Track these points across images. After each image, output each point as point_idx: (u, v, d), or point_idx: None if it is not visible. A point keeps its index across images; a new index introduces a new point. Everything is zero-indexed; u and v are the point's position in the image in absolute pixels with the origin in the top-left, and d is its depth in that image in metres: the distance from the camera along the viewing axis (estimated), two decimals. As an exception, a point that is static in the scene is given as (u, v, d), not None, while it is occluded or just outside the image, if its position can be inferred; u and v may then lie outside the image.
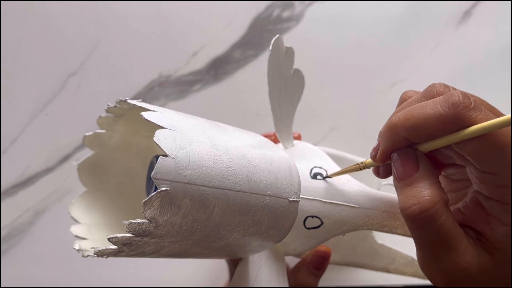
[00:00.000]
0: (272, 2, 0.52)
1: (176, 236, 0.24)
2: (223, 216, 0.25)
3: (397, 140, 0.24)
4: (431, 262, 0.24)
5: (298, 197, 0.29)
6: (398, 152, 0.25)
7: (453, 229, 0.23)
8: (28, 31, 0.52)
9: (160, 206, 0.22)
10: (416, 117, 0.23)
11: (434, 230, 0.23)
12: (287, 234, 0.29)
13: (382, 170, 0.28)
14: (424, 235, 0.23)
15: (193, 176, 0.23)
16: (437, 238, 0.23)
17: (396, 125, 0.24)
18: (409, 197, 0.23)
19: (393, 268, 0.41)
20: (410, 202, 0.23)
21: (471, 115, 0.22)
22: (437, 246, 0.23)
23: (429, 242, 0.23)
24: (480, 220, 0.24)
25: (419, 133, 0.23)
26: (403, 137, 0.24)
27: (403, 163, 0.24)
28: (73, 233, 0.28)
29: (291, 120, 0.34)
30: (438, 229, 0.22)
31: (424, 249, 0.24)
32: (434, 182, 0.24)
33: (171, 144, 0.22)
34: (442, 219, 0.22)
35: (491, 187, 0.23)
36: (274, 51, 0.31)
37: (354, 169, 0.29)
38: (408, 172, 0.24)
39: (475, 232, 0.24)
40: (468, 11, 0.52)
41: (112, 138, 0.31)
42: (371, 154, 0.26)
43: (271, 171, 0.27)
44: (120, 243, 0.22)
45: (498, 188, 0.23)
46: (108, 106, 0.27)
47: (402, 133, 0.24)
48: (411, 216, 0.23)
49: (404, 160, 0.24)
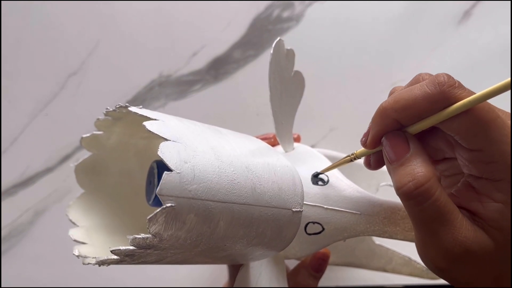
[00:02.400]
0: (272, 2, 0.52)
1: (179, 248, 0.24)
2: (228, 229, 0.25)
3: (388, 123, 0.25)
4: (429, 239, 0.24)
5: (301, 207, 0.29)
6: (387, 135, 0.25)
7: (448, 203, 0.23)
8: (28, 31, 0.52)
9: (165, 222, 0.22)
10: (405, 99, 0.24)
11: (430, 205, 0.23)
12: (290, 243, 0.29)
13: (373, 160, 0.28)
14: (421, 211, 0.23)
15: (198, 191, 0.23)
16: (434, 213, 0.23)
17: (386, 108, 0.24)
18: (404, 176, 0.24)
19: (390, 268, 0.41)
20: (405, 179, 0.23)
21: (456, 92, 0.23)
22: (434, 221, 0.23)
23: (426, 218, 0.23)
24: (472, 200, 0.24)
25: (408, 114, 0.24)
26: (393, 120, 0.24)
27: (394, 145, 0.25)
28: (72, 237, 0.28)
29: (292, 123, 0.34)
30: (434, 203, 0.23)
31: (422, 226, 0.24)
32: (426, 159, 0.24)
33: (175, 158, 0.22)
34: (437, 193, 0.23)
35: (479, 166, 0.23)
36: (275, 55, 0.30)
37: (345, 161, 0.29)
38: (400, 153, 0.24)
39: (469, 213, 0.24)
40: (468, 11, 0.52)
41: (110, 139, 0.31)
42: (362, 140, 0.27)
43: (275, 181, 0.27)
44: (123, 255, 0.22)
45: (486, 165, 0.23)
46: (107, 110, 0.27)
47: (392, 115, 0.24)
48: (407, 193, 0.23)
49: (394, 142, 0.25)
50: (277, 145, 0.36)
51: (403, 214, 0.31)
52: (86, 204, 0.31)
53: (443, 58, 0.51)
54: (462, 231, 0.23)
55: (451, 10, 0.52)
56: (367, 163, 0.28)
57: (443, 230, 0.23)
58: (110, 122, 0.29)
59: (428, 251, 0.24)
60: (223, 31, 0.52)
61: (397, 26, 0.52)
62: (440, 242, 0.23)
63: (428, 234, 0.24)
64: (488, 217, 0.23)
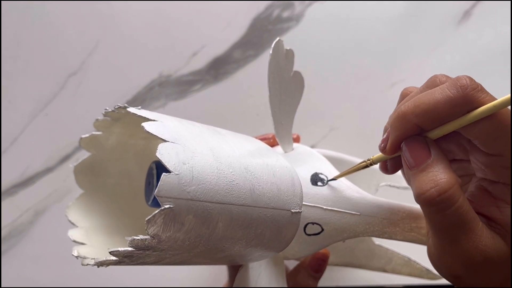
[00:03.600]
0: (272, 2, 0.52)
1: (178, 249, 0.24)
2: (226, 230, 0.25)
3: (408, 128, 0.24)
4: (449, 247, 0.23)
5: (300, 208, 0.29)
6: (407, 140, 0.24)
7: (470, 211, 0.23)
8: (28, 31, 0.52)
9: (164, 224, 0.22)
10: (425, 103, 0.23)
11: (453, 212, 0.22)
12: (289, 244, 0.29)
13: (391, 165, 0.27)
14: (442, 218, 0.23)
15: (197, 192, 0.23)
16: (456, 220, 0.23)
17: (406, 113, 0.24)
18: (426, 182, 0.23)
19: (390, 268, 0.41)
20: (427, 186, 0.23)
21: (479, 96, 0.22)
22: (455, 229, 0.23)
23: (448, 225, 0.23)
24: (489, 205, 0.24)
25: (430, 118, 0.23)
26: (413, 125, 0.24)
27: (414, 150, 0.24)
28: (71, 238, 0.28)
29: (291, 123, 0.34)
30: (456, 211, 0.22)
31: (443, 233, 0.24)
32: (448, 165, 0.23)
33: (174, 159, 0.22)
34: (460, 201, 0.22)
35: (497, 170, 0.23)
36: (274, 55, 0.30)
37: (360, 167, 0.29)
38: (421, 158, 0.24)
39: (485, 218, 0.24)
40: (468, 11, 0.51)
41: (109, 140, 0.31)
42: (380, 146, 0.26)
43: (274, 182, 0.27)
44: (121, 256, 0.22)
45: (504, 170, 0.23)
46: (105, 111, 0.27)
47: (413, 120, 0.23)
48: (429, 200, 0.23)
49: (415, 147, 0.24)
50: (277, 145, 0.36)
51: (403, 215, 0.31)
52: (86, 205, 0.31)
53: (443, 58, 0.51)
54: (483, 239, 0.23)
55: (451, 10, 0.52)
56: (383, 168, 0.28)
57: (465, 238, 0.23)
58: (109, 123, 0.29)
59: (446, 258, 0.24)
60: (223, 31, 0.52)
61: (397, 26, 0.52)
62: (461, 249, 0.23)
63: (448, 241, 0.23)
64: (505, 222, 0.23)
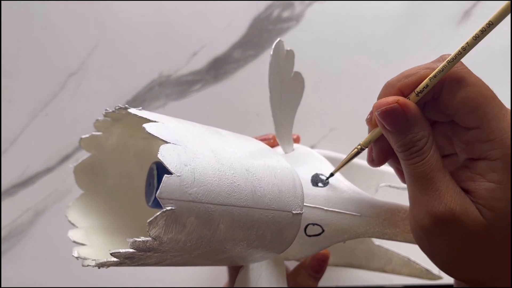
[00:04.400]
0: (272, 2, 0.52)
1: (179, 251, 0.24)
2: (228, 232, 0.25)
3: (392, 92, 0.25)
4: (417, 195, 0.25)
5: (301, 210, 0.29)
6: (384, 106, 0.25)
7: (440, 165, 0.24)
8: (28, 31, 0.52)
9: (165, 225, 0.22)
10: (409, 70, 0.25)
11: (424, 163, 0.24)
12: (290, 245, 0.29)
13: (376, 155, 0.28)
14: (414, 168, 0.24)
15: (198, 194, 0.23)
16: (426, 170, 0.24)
17: (391, 82, 0.26)
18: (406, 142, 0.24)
19: (389, 269, 0.41)
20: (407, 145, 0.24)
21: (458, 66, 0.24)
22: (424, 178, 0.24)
23: (418, 175, 0.24)
24: (466, 179, 0.25)
25: (410, 81, 0.25)
26: (396, 90, 0.25)
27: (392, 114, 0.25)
28: (71, 238, 0.28)
29: (291, 124, 0.34)
30: (427, 162, 0.24)
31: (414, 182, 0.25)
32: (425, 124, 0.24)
33: (175, 161, 0.22)
34: (430, 153, 0.24)
35: (476, 146, 0.24)
36: (275, 56, 0.30)
37: (353, 154, 0.29)
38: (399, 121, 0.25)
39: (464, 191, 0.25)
40: (468, 11, 0.51)
41: (109, 140, 0.31)
42: (367, 118, 0.27)
43: (275, 184, 0.27)
44: (123, 257, 0.22)
45: (483, 144, 0.23)
46: (106, 111, 0.27)
47: (396, 85, 0.25)
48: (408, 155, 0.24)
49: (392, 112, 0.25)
50: (277, 146, 0.36)
51: (403, 216, 0.31)
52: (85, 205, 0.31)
53: (443, 58, 0.51)
54: (448, 191, 0.24)
55: (451, 10, 0.52)
56: (369, 159, 0.29)
57: (431, 187, 0.24)
58: (109, 123, 0.29)
59: (415, 208, 0.25)
60: (223, 31, 0.52)
61: (397, 26, 0.52)
62: (426, 198, 0.24)
63: (418, 190, 0.25)
64: (480, 195, 0.23)
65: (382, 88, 0.26)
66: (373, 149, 0.28)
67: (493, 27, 0.22)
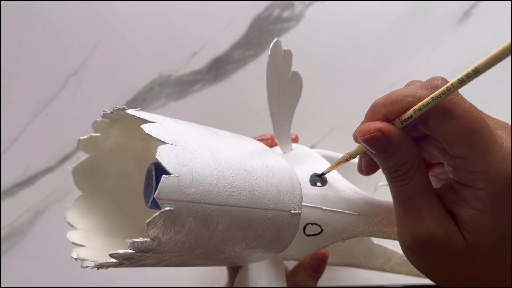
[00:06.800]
0: (272, 2, 0.52)
1: (178, 251, 0.24)
2: (226, 232, 0.25)
3: (377, 117, 0.25)
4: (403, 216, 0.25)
5: (300, 209, 0.29)
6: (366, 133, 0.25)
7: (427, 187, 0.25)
8: (28, 31, 0.52)
9: (164, 226, 0.22)
10: (395, 95, 0.24)
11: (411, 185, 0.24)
12: (289, 245, 0.29)
13: (364, 165, 0.28)
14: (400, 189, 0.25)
15: (197, 194, 0.23)
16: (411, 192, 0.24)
17: (377, 104, 0.25)
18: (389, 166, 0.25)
19: (388, 268, 0.41)
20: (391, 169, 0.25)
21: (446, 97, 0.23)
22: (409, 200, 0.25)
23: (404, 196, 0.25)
24: (452, 202, 0.25)
25: (395, 108, 0.24)
26: (382, 115, 0.25)
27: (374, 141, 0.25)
28: (70, 240, 0.28)
29: (290, 124, 0.34)
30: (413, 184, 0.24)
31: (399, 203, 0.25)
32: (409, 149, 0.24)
33: (174, 161, 0.22)
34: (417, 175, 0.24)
35: (462, 173, 0.24)
36: (272, 56, 0.30)
37: (341, 161, 0.30)
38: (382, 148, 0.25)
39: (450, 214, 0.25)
40: (468, 11, 0.51)
41: (108, 141, 0.31)
42: (353, 135, 0.27)
43: (274, 184, 0.27)
44: (121, 258, 0.22)
45: (468, 174, 0.23)
46: (104, 112, 0.27)
47: (382, 109, 0.25)
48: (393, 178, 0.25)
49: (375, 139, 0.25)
50: (275, 146, 0.36)
51: None
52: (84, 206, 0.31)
53: (443, 58, 0.51)
54: (433, 215, 0.24)
55: (451, 10, 0.52)
56: (359, 169, 0.29)
57: (415, 209, 0.24)
58: (108, 124, 0.29)
59: (401, 228, 0.25)
60: (223, 31, 0.52)
61: (397, 26, 0.52)
62: (410, 219, 0.25)
63: (403, 210, 0.25)
64: (463, 220, 0.24)
65: (369, 109, 0.26)
66: (362, 160, 0.28)
67: (479, 74, 0.22)
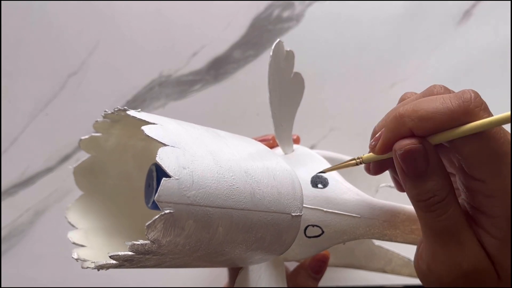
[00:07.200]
0: (272, 2, 0.52)
1: (178, 254, 0.24)
2: (227, 235, 0.25)
3: (402, 131, 0.23)
4: (440, 251, 0.23)
5: (301, 211, 0.29)
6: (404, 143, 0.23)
7: (462, 218, 0.23)
8: (28, 31, 0.52)
9: (164, 229, 0.22)
10: (425, 109, 0.22)
11: (447, 217, 0.23)
12: (289, 247, 0.29)
13: (373, 166, 0.27)
14: (437, 222, 0.23)
15: (197, 197, 0.22)
16: (449, 225, 0.23)
17: (403, 115, 0.23)
18: (425, 191, 0.23)
19: (389, 269, 0.41)
20: (427, 195, 0.23)
21: (481, 114, 0.21)
22: (448, 234, 0.23)
23: (441, 229, 0.23)
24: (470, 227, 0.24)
25: (425, 126, 0.22)
26: (408, 129, 0.23)
27: (414, 156, 0.23)
28: (71, 240, 0.28)
29: (291, 125, 0.34)
30: (450, 216, 0.23)
31: (435, 237, 0.24)
32: (445, 172, 0.23)
33: (174, 164, 0.22)
34: (454, 207, 0.23)
35: (478, 197, 0.23)
36: (274, 57, 0.30)
37: (350, 164, 0.28)
38: (420, 166, 0.23)
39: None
40: (468, 11, 0.51)
41: (108, 141, 0.31)
42: (371, 144, 0.25)
43: (274, 186, 0.27)
44: (122, 260, 0.22)
45: (485, 198, 0.22)
46: (105, 112, 0.27)
47: (409, 123, 0.23)
48: (428, 207, 0.23)
49: (413, 153, 0.23)
50: (276, 147, 0.36)
51: (403, 217, 0.31)
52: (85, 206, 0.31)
53: (443, 58, 0.51)
54: (472, 248, 0.23)
55: (451, 10, 0.51)
56: (366, 168, 0.28)
57: (455, 243, 0.23)
58: (109, 124, 0.29)
59: (436, 264, 0.24)
60: (223, 31, 0.52)
61: (397, 26, 0.52)
62: (450, 254, 0.23)
63: (439, 245, 0.23)
64: (489, 252, 0.23)
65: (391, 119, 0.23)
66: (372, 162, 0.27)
67: None
